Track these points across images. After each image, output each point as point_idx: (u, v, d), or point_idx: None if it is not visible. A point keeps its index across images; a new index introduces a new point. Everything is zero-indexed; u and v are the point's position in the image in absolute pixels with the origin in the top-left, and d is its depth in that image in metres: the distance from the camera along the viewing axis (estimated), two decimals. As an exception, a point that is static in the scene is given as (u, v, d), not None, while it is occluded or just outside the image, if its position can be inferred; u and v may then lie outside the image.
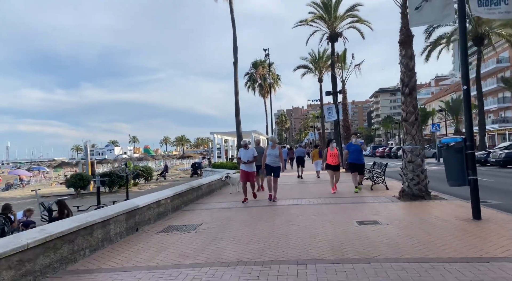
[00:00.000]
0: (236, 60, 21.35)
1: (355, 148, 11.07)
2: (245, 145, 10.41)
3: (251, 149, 10.27)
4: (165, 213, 8.38)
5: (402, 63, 9.38)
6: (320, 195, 10.90)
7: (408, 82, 9.27)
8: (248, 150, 10.17)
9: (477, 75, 26.79)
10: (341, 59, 20.93)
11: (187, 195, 10.15)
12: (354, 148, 11.07)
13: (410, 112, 9.27)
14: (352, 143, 11.33)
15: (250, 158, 10.03)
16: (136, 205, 6.90)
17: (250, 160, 10.03)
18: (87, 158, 21.28)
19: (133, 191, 20.55)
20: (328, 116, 24.72)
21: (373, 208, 8.15)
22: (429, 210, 7.57)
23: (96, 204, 13.64)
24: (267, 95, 44.40)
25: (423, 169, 9.16)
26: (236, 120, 21.82)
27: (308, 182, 16.21)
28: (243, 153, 10.21)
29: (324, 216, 7.51)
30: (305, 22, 26.93)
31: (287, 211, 8.38)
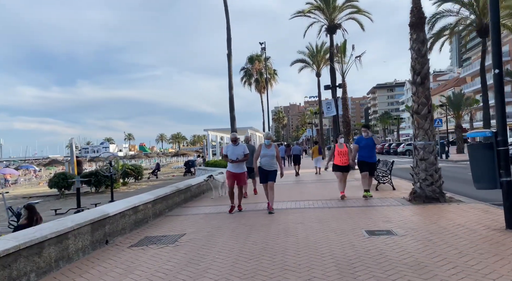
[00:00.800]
0: (230, 52, 20.23)
1: (366, 143, 9.22)
2: (234, 138, 8.28)
3: (241, 145, 8.34)
4: (144, 220, 7.31)
5: (413, 49, 8.33)
6: (321, 197, 9.87)
7: (420, 70, 8.22)
8: (238, 146, 8.19)
9: (482, 67, 25.76)
10: (341, 50, 19.85)
11: (173, 198, 9.08)
12: (366, 143, 9.22)
13: (423, 103, 8.23)
14: (363, 136, 9.46)
15: (239, 155, 8.02)
16: (105, 213, 5.83)
17: (240, 159, 8.03)
18: (72, 156, 20.09)
19: (121, 191, 19.47)
20: (327, 111, 23.67)
21: (383, 213, 7.12)
22: (448, 216, 6.54)
23: (76, 206, 12.53)
24: (263, 90, 43.24)
25: (437, 167, 8.13)
26: (230, 115, 20.72)
27: (307, 181, 15.19)
28: (231, 149, 8.12)
29: (327, 223, 6.47)
30: (303, 13, 25.85)
31: (284, 216, 7.33)
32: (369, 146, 9.21)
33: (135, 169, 21.74)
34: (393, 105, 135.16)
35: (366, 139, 9.27)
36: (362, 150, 9.19)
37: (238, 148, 8.16)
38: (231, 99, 20.51)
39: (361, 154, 9.21)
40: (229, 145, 8.43)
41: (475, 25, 25.18)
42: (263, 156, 7.94)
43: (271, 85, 44.90)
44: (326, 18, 25.82)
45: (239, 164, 8.08)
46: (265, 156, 7.92)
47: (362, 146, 9.21)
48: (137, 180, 22.60)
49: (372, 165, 9.38)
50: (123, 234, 6.35)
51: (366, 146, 9.19)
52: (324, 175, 17.63)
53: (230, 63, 20.23)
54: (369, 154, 9.19)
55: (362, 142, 9.32)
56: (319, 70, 39.58)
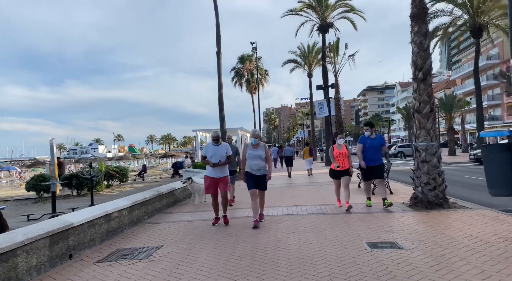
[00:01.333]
0: (220, 50, 19.46)
1: (371, 143, 7.69)
2: (215, 137, 6.86)
3: (223, 144, 6.93)
4: (119, 229, 6.53)
5: (414, 42, 7.72)
6: (315, 201, 9.20)
7: (422, 65, 7.60)
8: (220, 146, 6.83)
9: (475, 68, 25.47)
10: (334, 49, 19.28)
11: (153, 203, 8.31)
12: (371, 143, 7.70)
13: (424, 101, 7.61)
14: (366, 135, 7.87)
15: (222, 157, 6.75)
16: (68, 223, 5.04)
17: (223, 161, 6.76)
18: (52, 157, 19.11)
19: (104, 194, 18.53)
20: (319, 112, 23.10)
21: (383, 221, 6.46)
22: (456, 224, 5.90)
23: (51, 211, 11.65)
24: (254, 91, 42.54)
25: (440, 170, 7.52)
26: (219, 115, 19.94)
27: (299, 183, 14.52)
28: (211, 150, 6.75)
29: (322, 233, 5.78)
30: (294, 11, 25.25)
31: (275, 224, 6.62)
32: (376, 146, 7.73)
33: (120, 171, 20.80)
34: (384, 107, 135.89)
35: (371, 139, 7.79)
36: (366, 150, 7.76)
37: (220, 148, 6.80)
38: (221, 98, 19.75)
39: (366, 156, 7.78)
40: (208, 144, 6.95)
41: (468, 25, 24.90)
42: (250, 158, 6.52)
43: (262, 85, 44.24)
44: (318, 17, 25.26)
45: (221, 167, 6.77)
46: (253, 158, 6.50)
47: (367, 146, 7.76)
48: (122, 183, 21.67)
49: (379, 168, 7.74)
50: (91, 246, 5.57)
51: (371, 147, 7.72)
52: (316, 177, 17.05)
53: (219, 61, 19.48)
54: (374, 156, 7.68)
55: (367, 141, 7.78)
56: (311, 70, 39.04)
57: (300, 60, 39.50)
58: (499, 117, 49.89)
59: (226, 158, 6.85)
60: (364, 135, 8.05)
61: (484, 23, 24.31)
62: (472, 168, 19.96)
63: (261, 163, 6.57)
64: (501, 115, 49.55)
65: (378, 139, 7.85)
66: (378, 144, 7.79)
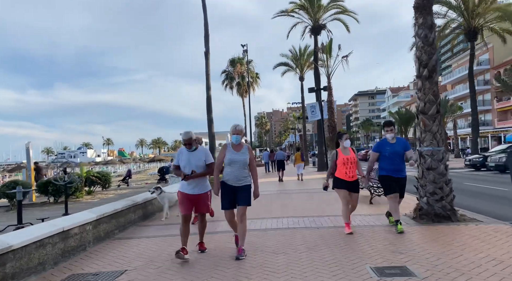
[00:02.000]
0: (208, 50, 18.64)
1: (393, 150, 6.05)
2: (188, 140, 5.07)
3: (201, 149, 5.26)
4: (80, 247, 5.58)
5: (418, 36, 6.95)
6: (308, 212, 8.35)
7: (427, 61, 6.84)
8: (196, 152, 5.16)
9: (470, 72, 25.07)
10: (327, 50, 18.59)
11: (126, 215, 7.36)
12: (392, 150, 6.05)
13: (430, 101, 6.83)
14: (387, 139, 6.22)
15: (199, 166, 5.06)
16: (5, 246, 4.09)
17: (201, 172, 5.07)
18: (29, 162, 18.00)
19: (84, 201, 17.43)
20: (311, 115, 22.36)
21: (386, 237, 5.63)
22: (472, 243, 5.09)
23: (17, 222, 10.56)
24: (245, 94, 41.79)
25: (447, 179, 6.73)
26: (207, 118, 19.07)
27: (291, 190, 13.68)
28: (185, 157, 5.12)
29: (318, 253, 4.92)
30: (286, 12, 24.57)
31: (262, 241, 5.74)
32: (398, 154, 6.03)
33: (102, 176, 19.70)
34: (375, 112, 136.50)
35: (391, 145, 6.09)
36: (385, 159, 6.09)
37: (196, 154, 5.12)
38: (209, 100, 18.89)
39: (383, 166, 6.16)
40: (181, 150, 5.25)
41: (463, 28, 24.50)
42: (230, 164, 4.92)
43: (253, 89, 43.54)
44: (310, 18, 24.61)
45: (199, 180, 5.09)
46: (233, 163, 4.89)
47: (387, 155, 6.06)
48: (105, 189, 20.58)
49: (402, 181, 6.13)
50: (40, 271, 4.61)
51: (393, 154, 6.03)
52: (308, 183, 16.26)
53: (207, 61, 18.65)
54: (396, 165, 6.03)
55: (386, 148, 6.11)
56: (303, 74, 38.44)
57: (291, 63, 38.90)
58: (490, 122, 49.88)
59: (204, 166, 5.11)
60: (383, 140, 6.30)
61: (479, 25, 23.94)
62: (469, 174, 19.36)
63: (243, 171, 4.93)
64: (491, 121, 49.54)
65: (400, 144, 6.13)
66: (400, 149, 6.06)
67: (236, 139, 5.03)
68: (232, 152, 4.98)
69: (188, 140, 5.10)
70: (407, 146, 6.23)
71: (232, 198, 4.97)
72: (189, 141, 5.10)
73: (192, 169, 5.02)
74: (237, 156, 4.95)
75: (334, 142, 6.60)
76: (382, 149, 6.20)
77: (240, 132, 5.05)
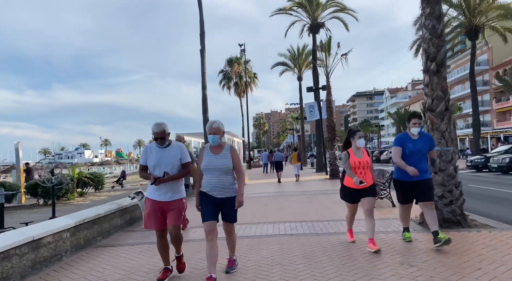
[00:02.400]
0: (204, 47, 18.15)
1: (416, 147, 5.00)
2: (160, 134, 4.02)
3: (175, 145, 4.21)
4: (55, 257, 5.05)
5: (425, 27, 6.46)
6: (306, 216, 7.84)
7: (435, 54, 6.34)
8: (170, 148, 4.15)
9: (471, 71, 24.65)
10: (325, 48, 18.08)
11: (111, 220, 6.83)
12: (415, 147, 5.00)
13: (438, 98, 6.34)
14: (408, 134, 5.13)
15: (173, 166, 4.07)
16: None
17: (175, 174, 4.05)
18: (18, 163, 17.44)
19: (75, 203, 16.88)
20: (310, 115, 21.92)
21: (392, 246, 5.12)
22: (490, 254, 4.58)
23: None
24: (243, 94, 41.29)
25: (457, 181, 6.24)
26: (203, 118, 18.57)
27: (288, 192, 13.18)
28: (155, 154, 4.10)
29: (317, 264, 4.41)
30: (284, 10, 24.10)
31: (257, 250, 5.23)
32: (420, 152, 5.01)
33: (95, 177, 19.15)
34: (373, 113, 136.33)
35: (413, 142, 5.03)
36: (404, 158, 5.02)
37: (170, 151, 4.09)
38: (204, 99, 18.40)
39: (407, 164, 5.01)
40: (150, 146, 4.18)
41: (464, 27, 24.08)
42: (206, 171, 3.98)
43: (251, 89, 43.04)
44: (308, 16, 24.16)
45: (172, 184, 4.04)
46: (211, 171, 3.95)
47: (406, 152, 5.03)
48: (98, 190, 20.03)
49: (425, 185, 5.01)
50: (3, 286, 4.08)
51: (414, 152, 4.99)
52: (306, 185, 15.79)
53: (203, 60, 18.15)
54: (417, 165, 4.88)
55: (408, 144, 5.04)
56: (301, 74, 37.99)
57: (290, 63, 38.43)
58: (489, 123, 49.52)
59: (178, 166, 4.09)
60: (405, 135, 5.18)
61: (480, 24, 23.54)
62: (471, 175, 18.91)
63: (225, 177, 3.96)
64: (490, 122, 49.19)
65: (424, 141, 5.06)
66: (424, 147, 5.03)
67: (213, 140, 4.02)
68: (209, 155, 4.01)
69: (160, 133, 4.00)
70: (432, 143, 5.16)
71: (212, 209, 3.98)
72: (162, 135, 4.01)
73: (163, 170, 3.98)
74: (216, 160, 3.97)
75: (344, 141, 5.36)
76: (404, 143, 5.06)
77: (217, 131, 4.02)
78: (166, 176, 3.96)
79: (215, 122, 4.06)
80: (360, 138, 5.11)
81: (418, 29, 23.92)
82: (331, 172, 18.41)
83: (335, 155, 18.82)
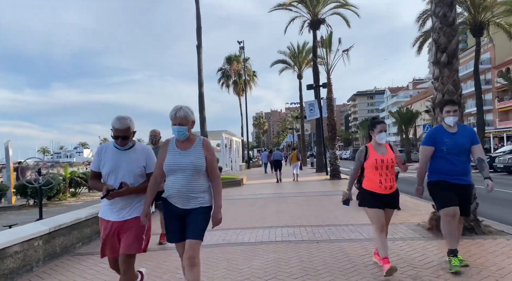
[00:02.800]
0: (200, 43, 17.60)
1: (456, 143, 3.96)
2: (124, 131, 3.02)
3: (140, 148, 3.17)
4: (24, 268, 4.52)
5: (435, 15, 5.93)
6: (305, 219, 7.31)
7: (446, 44, 5.81)
8: (132, 151, 3.14)
9: (475, 69, 24.13)
10: (326, 44, 17.53)
11: (94, 224, 6.29)
12: (454, 143, 3.96)
13: (450, 92, 5.80)
14: (443, 127, 4.09)
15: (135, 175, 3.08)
16: None
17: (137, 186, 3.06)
18: (8, 162, 16.91)
19: (67, 203, 16.37)
20: (310, 114, 21.40)
21: (400, 255, 4.59)
22: (511, 266, 4.05)
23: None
24: (242, 93, 40.74)
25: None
26: (200, 117, 18.02)
27: (287, 194, 12.66)
28: (112, 157, 3.08)
29: (317, 277, 3.88)
30: (284, 6, 23.55)
31: (249, 260, 4.69)
32: (460, 148, 3.97)
33: (88, 177, 18.65)
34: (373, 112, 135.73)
35: (451, 136, 3.98)
36: (440, 158, 4.00)
37: (131, 155, 3.12)
38: (201, 97, 17.86)
39: (436, 167, 4.04)
40: (105, 146, 3.20)
41: (469, 23, 23.54)
42: (170, 172, 2.94)
43: (250, 87, 42.52)
44: (309, 12, 23.62)
45: (131, 199, 3.08)
46: (175, 170, 2.92)
47: (444, 150, 3.97)
48: (91, 190, 19.51)
49: (465, 191, 4.09)
50: (-44, 305, 3.55)
51: (454, 149, 3.95)
52: (305, 185, 15.27)
53: (200, 56, 17.61)
54: (458, 166, 3.97)
55: (444, 139, 3.98)
56: (301, 72, 37.43)
57: (289, 60, 37.86)
58: (491, 123, 48.95)
59: (142, 177, 3.11)
60: (438, 129, 4.09)
61: (485, 20, 23.02)
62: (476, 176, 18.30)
63: (195, 181, 2.92)
64: (492, 121, 48.63)
65: (465, 135, 4.02)
66: (466, 142, 3.98)
67: (178, 132, 2.93)
68: (174, 151, 2.96)
69: (123, 131, 2.98)
70: (475, 137, 4.06)
71: (180, 225, 2.98)
72: (125, 133, 3.00)
73: (120, 179, 2.99)
74: (183, 157, 2.91)
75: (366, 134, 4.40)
76: (438, 141, 3.97)
77: (184, 121, 2.92)
78: (124, 188, 2.95)
79: (181, 109, 2.94)
80: (381, 132, 3.95)
81: (421, 25, 23.43)
82: (332, 172, 17.89)
83: (336, 154, 18.27)
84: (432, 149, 4.03)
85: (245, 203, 10.57)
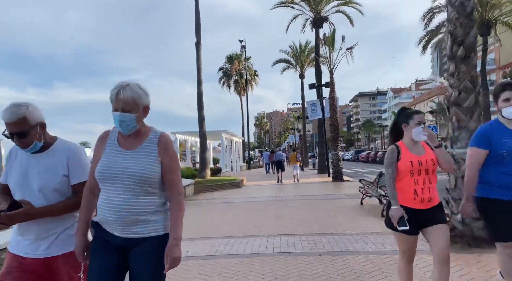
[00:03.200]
0: (199, 40, 17.11)
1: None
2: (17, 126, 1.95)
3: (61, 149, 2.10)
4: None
5: (451, 4, 5.42)
6: (307, 226, 6.79)
7: (463, 36, 5.28)
8: (48, 153, 2.08)
9: (482, 69, 23.55)
10: (329, 41, 17.01)
11: None
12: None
13: (467, 89, 5.26)
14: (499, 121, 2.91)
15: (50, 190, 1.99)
16: None
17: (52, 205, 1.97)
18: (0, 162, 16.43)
19: (61, 205, 16.00)
20: (312, 114, 20.87)
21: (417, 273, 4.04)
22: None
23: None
24: (243, 93, 40.22)
25: (488, 190, 5.12)
26: (198, 115, 17.55)
27: (287, 196, 12.15)
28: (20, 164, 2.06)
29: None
30: (286, 3, 23.07)
31: (245, 276, 4.17)
32: None
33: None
34: (376, 113, 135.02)
35: (509, 131, 2.84)
36: (498, 163, 2.86)
37: (44, 160, 2.06)
38: (200, 96, 17.37)
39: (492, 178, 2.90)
40: (15, 150, 2.12)
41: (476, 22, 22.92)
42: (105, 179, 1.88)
43: (251, 87, 42.01)
44: (311, 9, 23.11)
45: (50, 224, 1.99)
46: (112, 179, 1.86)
47: (503, 153, 2.81)
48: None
49: None
50: None
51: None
52: (306, 187, 14.75)
53: (199, 53, 17.12)
54: None
55: (503, 138, 2.83)
56: (303, 71, 36.86)
57: (291, 60, 37.31)
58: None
59: (66, 192, 2.05)
60: (493, 125, 2.98)
61: (493, 19, 22.49)
62: None
63: (142, 197, 1.87)
64: (497, 122, 47.97)
65: None
66: None
67: (121, 121, 1.91)
68: (114, 150, 1.97)
69: (17, 125, 1.97)
70: None
71: (112, 264, 1.89)
72: (19, 128, 1.98)
73: (25, 194, 1.98)
74: (126, 160, 1.90)
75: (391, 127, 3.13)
76: (495, 141, 2.86)
77: (130, 106, 1.91)
78: (24, 208, 1.91)
79: (127, 87, 1.93)
80: (418, 125, 2.80)
81: (426, 23, 22.87)
82: (334, 174, 17.33)
83: (339, 155, 17.71)
84: (486, 152, 2.91)
85: (243, 207, 10.06)
